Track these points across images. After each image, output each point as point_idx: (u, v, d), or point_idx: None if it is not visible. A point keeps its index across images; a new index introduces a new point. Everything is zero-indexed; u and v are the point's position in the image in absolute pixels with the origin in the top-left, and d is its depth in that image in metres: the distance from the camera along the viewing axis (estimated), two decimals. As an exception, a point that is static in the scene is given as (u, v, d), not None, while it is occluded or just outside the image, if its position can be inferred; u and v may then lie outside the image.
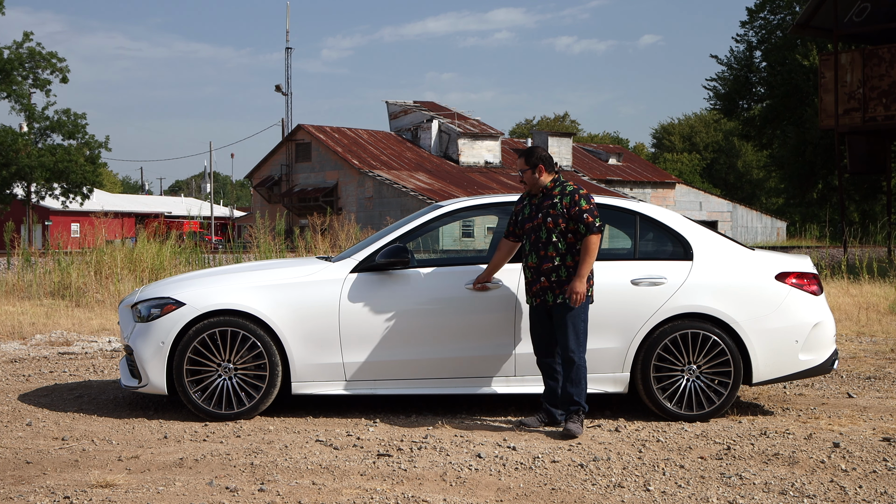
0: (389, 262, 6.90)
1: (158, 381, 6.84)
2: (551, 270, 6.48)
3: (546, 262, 6.50)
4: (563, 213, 6.49)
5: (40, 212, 57.16)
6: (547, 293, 6.50)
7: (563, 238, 6.49)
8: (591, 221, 6.43)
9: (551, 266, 6.48)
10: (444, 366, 6.91)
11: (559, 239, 6.49)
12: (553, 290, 6.48)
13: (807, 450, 6.08)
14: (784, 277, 7.13)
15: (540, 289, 6.52)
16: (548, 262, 6.50)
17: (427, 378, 6.94)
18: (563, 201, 6.52)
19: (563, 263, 6.48)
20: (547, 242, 6.51)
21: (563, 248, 6.48)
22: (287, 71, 65.62)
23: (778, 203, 74.02)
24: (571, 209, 6.47)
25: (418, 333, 6.90)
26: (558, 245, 6.48)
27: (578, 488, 5.28)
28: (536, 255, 6.55)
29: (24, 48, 44.25)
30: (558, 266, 6.47)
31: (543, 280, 6.51)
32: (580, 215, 6.45)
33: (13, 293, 15.94)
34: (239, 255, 18.25)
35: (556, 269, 6.48)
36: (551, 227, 6.50)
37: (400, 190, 50.00)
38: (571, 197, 6.51)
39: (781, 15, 45.95)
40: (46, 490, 5.12)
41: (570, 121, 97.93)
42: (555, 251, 6.49)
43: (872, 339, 11.69)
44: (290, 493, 5.10)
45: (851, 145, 26.34)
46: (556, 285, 6.47)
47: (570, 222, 6.48)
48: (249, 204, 75.98)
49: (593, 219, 6.44)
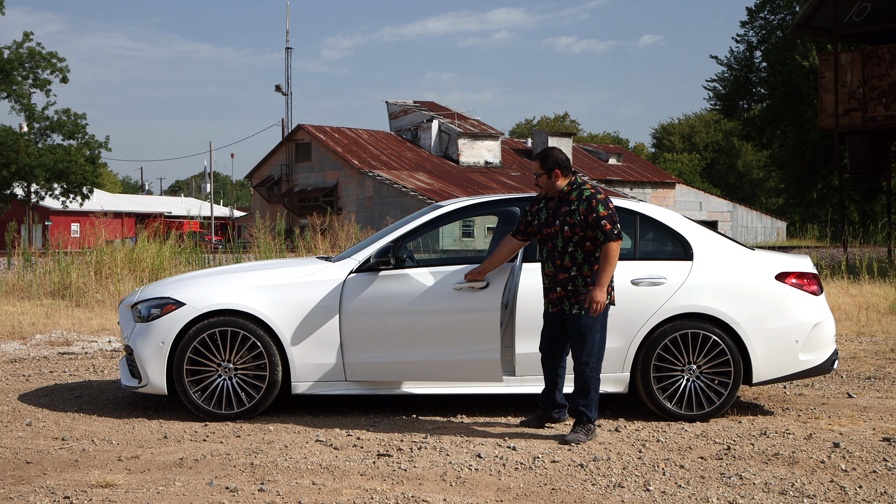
0: (389, 261, 6.90)
1: (158, 381, 6.84)
2: (567, 280, 6.34)
3: (562, 272, 6.35)
4: (580, 221, 6.30)
5: (40, 212, 57.17)
6: (564, 302, 6.37)
7: (581, 247, 6.31)
8: (610, 229, 6.25)
9: (567, 276, 6.33)
10: (444, 366, 6.90)
11: (576, 249, 6.31)
12: (570, 300, 6.34)
13: (807, 450, 6.08)
14: (784, 277, 7.13)
15: (557, 298, 6.40)
16: (563, 272, 6.34)
17: (427, 378, 6.93)
18: (580, 207, 6.33)
19: (579, 273, 6.31)
20: (563, 252, 6.35)
21: (580, 258, 6.30)
22: (287, 71, 65.67)
23: (778, 203, 74.05)
24: (589, 216, 6.29)
25: (418, 333, 6.89)
26: (575, 255, 6.32)
27: (578, 488, 5.28)
28: (553, 265, 6.40)
29: (24, 48, 44.24)
30: (574, 276, 6.32)
31: (560, 290, 6.37)
32: (598, 222, 6.27)
33: (13, 293, 15.95)
34: (239, 255, 18.24)
35: (572, 280, 6.32)
36: (568, 236, 6.33)
37: (400, 190, 50.01)
38: (588, 203, 6.32)
39: (781, 15, 45.94)
40: (46, 490, 5.12)
41: (570, 121, 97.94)
42: (571, 261, 6.33)
43: (872, 339, 11.69)
44: (290, 493, 5.10)
45: (851, 145, 26.34)
46: (573, 295, 6.32)
47: (587, 230, 6.31)
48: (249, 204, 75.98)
49: (612, 225, 6.26)
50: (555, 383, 6.63)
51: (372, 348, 6.86)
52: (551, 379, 6.64)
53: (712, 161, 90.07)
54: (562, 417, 6.73)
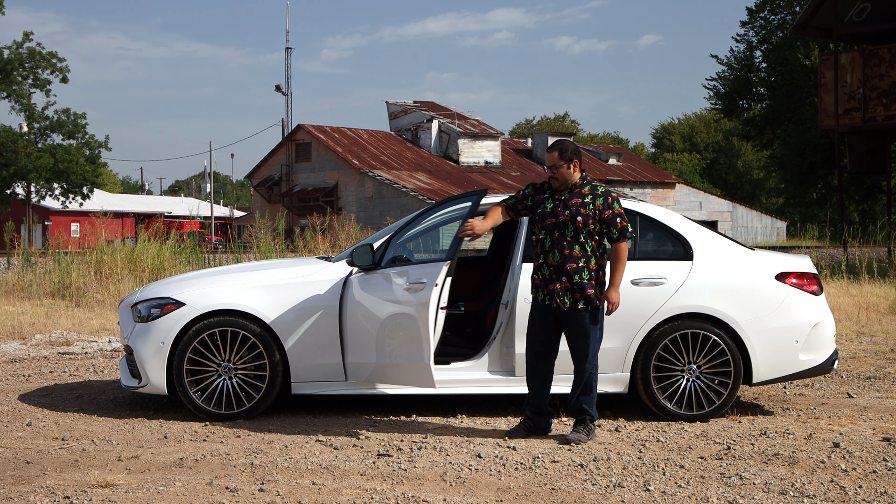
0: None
1: (158, 381, 6.84)
2: (575, 271, 6.22)
3: (570, 261, 6.23)
4: (594, 213, 6.24)
5: (40, 212, 57.15)
6: (565, 295, 6.23)
7: (591, 239, 6.25)
8: (624, 226, 6.25)
9: (575, 266, 6.22)
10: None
11: (587, 240, 6.24)
12: (573, 293, 6.22)
13: (807, 450, 6.08)
14: (784, 277, 7.13)
15: (559, 289, 6.23)
16: (572, 262, 6.23)
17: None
18: (595, 202, 6.27)
19: (587, 265, 6.23)
20: (573, 241, 6.24)
21: (589, 251, 6.23)
22: (287, 71, 65.64)
23: (778, 203, 74.00)
24: (605, 212, 6.24)
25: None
26: (586, 246, 6.24)
27: (578, 488, 5.28)
28: (560, 253, 6.24)
29: (24, 48, 44.22)
30: (582, 268, 6.22)
31: (565, 280, 6.23)
32: (613, 219, 6.24)
33: (13, 293, 15.95)
34: (239, 255, 18.25)
35: (579, 271, 6.21)
36: (580, 226, 6.23)
37: (400, 190, 50.00)
38: (605, 199, 6.27)
39: (781, 15, 45.91)
40: (46, 490, 5.12)
41: (570, 121, 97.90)
42: (581, 251, 6.23)
43: (872, 339, 11.69)
44: (290, 493, 5.10)
45: (851, 145, 26.34)
46: (578, 288, 6.21)
47: (600, 225, 6.26)
48: (249, 204, 75.97)
49: (626, 223, 6.26)
50: (546, 388, 6.45)
51: (372, 348, 6.85)
52: (542, 383, 6.43)
53: (712, 161, 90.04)
54: (550, 427, 6.55)
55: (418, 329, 6.42)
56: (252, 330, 6.81)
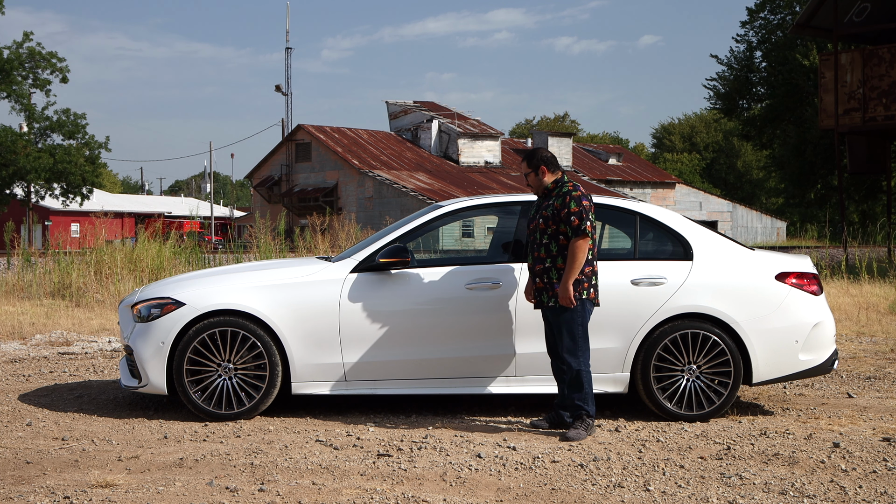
0: (389, 261, 6.90)
1: (158, 381, 6.84)
2: (542, 272, 6.49)
3: (538, 263, 6.52)
4: (552, 214, 6.46)
5: (40, 212, 57.16)
6: (542, 294, 6.51)
7: (555, 240, 6.45)
8: (577, 224, 6.34)
9: (542, 268, 6.49)
10: (443, 366, 6.91)
11: (550, 241, 6.46)
12: (547, 292, 6.47)
13: (807, 450, 6.08)
14: (784, 277, 7.13)
15: (536, 290, 6.56)
16: (539, 263, 6.51)
17: (427, 378, 6.94)
18: (555, 202, 6.49)
19: (553, 266, 6.45)
20: (539, 244, 6.51)
21: (554, 251, 6.45)
22: (287, 71, 65.69)
23: (778, 203, 73.99)
24: (561, 211, 6.42)
25: (418, 333, 6.90)
26: (550, 247, 6.46)
27: (578, 488, 5.28)
28: (531, 256, 6.58)
29: (24, 48, 44.24)
30: (549, 268, 6.46)
31: (538, 281, 6.52)
32: (567, 217, 6.38)
33: (13, 293, 15.94)
34: (239, 255, 18.25)
35: (546, 272, 6.47)
36: (543, 228, 6.49)
37: (400, 190, 50.00)
38: (563, 198, 6.46)
39: (781, 15, 45.91)
40: (46, 490, 5.12)
41: (570, 121, 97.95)
42: (545, 253, 6.47)
43: (872, 339, 11.69)
44: (290, 493, 5.10)
45: (851, 145, 26.33)
46: (549, 287, 6.46)
47: (559, 223, 6.43)
48: (249, 204, 75.98)
49: (580, 221, 6.34)
50: (563, 382, 6.60)
51: (372, 348, 6.86)
52: (559, 379, 6.64)
53: (712, 161, 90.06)
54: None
55: (502, 323, 6.85)
56: (252, 330, 6.81)
